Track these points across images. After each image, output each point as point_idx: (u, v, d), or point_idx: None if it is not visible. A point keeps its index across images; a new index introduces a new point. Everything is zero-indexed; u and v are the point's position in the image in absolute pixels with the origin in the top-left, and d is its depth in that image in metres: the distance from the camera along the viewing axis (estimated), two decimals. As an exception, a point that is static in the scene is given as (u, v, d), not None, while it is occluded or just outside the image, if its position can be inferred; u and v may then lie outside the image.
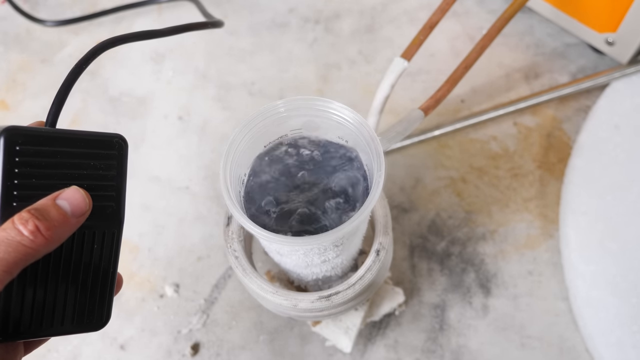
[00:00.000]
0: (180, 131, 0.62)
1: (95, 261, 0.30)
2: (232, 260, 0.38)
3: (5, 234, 0.25)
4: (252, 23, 0.69)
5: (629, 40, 0.55)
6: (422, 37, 0.49)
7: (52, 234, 0.26)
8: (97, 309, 0.31)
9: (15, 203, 0.26)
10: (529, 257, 0.52)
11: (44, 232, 0.25)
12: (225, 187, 0.32)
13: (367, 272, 0.37)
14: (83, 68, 0.29)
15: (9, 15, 0.72)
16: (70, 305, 0.29)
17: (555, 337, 0.48)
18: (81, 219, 0.28)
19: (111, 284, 0.31)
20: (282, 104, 0.35)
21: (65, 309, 0.29)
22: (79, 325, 0.30)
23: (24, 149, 0.26)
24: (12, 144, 0.26)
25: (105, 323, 0.31)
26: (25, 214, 0.25)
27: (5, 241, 0.25)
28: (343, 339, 0.46)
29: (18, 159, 0.26)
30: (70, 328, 0.30)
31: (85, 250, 0.29)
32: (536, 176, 0.56)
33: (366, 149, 0.34)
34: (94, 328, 0.31)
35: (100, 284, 0.31)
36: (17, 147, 0.26)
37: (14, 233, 0.25)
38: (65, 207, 0.27)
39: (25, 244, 0.25)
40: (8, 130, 0.26)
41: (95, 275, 0.30)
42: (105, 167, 0.30)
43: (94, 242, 0.30)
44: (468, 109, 0.60)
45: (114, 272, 0.31)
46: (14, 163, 0.26)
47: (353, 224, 0.31)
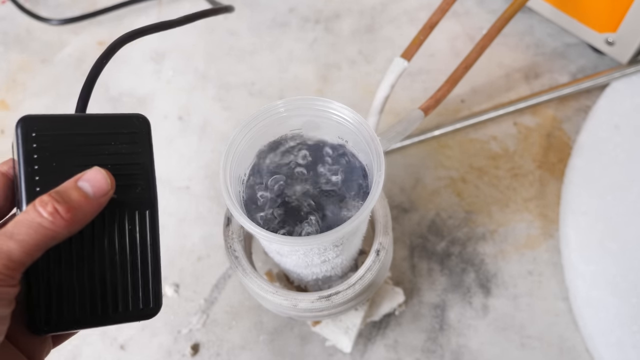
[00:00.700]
0: (180, 131, 0.62)
1: (131, 243, 0.29)
2: (232, 260, 0.38)
3: (27, 215, 0.25)
4: (252, 23, 0.69)
5: (629, 40, 0.55)
6: (422, 37, 0.49)
7: (72, 216, 0.26)
8: (143, 294, 0.29)
9: (39, 188, 0.26)
10: (529, 257, 0.52)
11: (63, 214, 0.25)
12: (225, 187, 0.32)
13: (367, 272, 0.37)
14: (105, 62, 0.30)
15: (9, 15, 0.72)
16: (111, 291, 0.28)
17: (555, 337, 0.48)
18: (104, 199, 0.28)
19: (154, 267, 0.30)
20: (282, 104, 0.35)
21: (106, 296, 0.28)
22: (124, 313, 0.29)
23: (40, 134, 0.27)
24: (28, 131, 0.26)
25: (155, 309, 0.30)
26: (45, 197, 0.26)
27: (26, 223, 0.25)
28: (343, 339, 0.46)
29: (36, 145, 0.27)
30: (116, 317, 0.28)
31: (119, 231, 0.29)
32: (536, 176, 0.56)
33: (366, 149, 0.34)
34: (144, 316, 0.29)
35: (141, 267, 0.29)
36: (33, 134, 0.27)
37: (34, 215, 0.25)
38: (87, 189, 0.27)
39: (45, 226, 0.25)
40: (23, 119, 0.27)
41: (134, 258, 0.29)
42: (128, 147, 0.29)
43: (127, 222, 0.29)
44: (468, 109, 0.60)
45: (155, 253, 0.30)
46: (32, 149, 0.26)
47: (353, 224, 0.31)
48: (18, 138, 0.26)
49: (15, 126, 0.27)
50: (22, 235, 0.25)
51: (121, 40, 0.31)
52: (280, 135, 0.37)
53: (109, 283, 0.28)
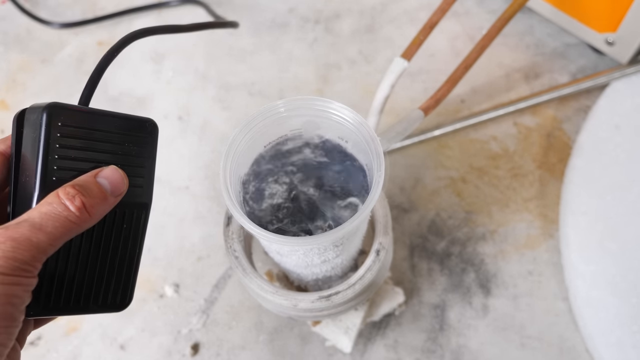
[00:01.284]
0: (180, 131, 0.62)
1: (124, 241, 0.31)
2: (232, 260, 0.38)
3: (52, 208, 0.25)
4: (252, 23, 0.69)
5: (629, 40, 0.55)
6: (422, 37, 0.49)
7: (95, 211, 0.27)
8: (122, 289, 0.31)
9: (55, 177, 0.27)
10: (529, 257, 0.52)
11: (89, 209, 0.26)
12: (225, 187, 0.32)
13: (367, 272, 0.37)
14: (114, 55, 0.30)
15: (9, 15, 0.72)
16: (97, 284, 0.29)
17: (555, 337, 0.48)
18: (118, 198, 0.28)
19: (136, 265, 0.32)
20: (282, 104, 0.35)
21: (92, 288, 0.29)
22: (103, 305, 0.30)
23: (65, 124, 0.27)
24: (54, 120, 0.27)
25: (127, 304, 0.31)
26: (70, 189, 0.26)
27: (53, 216, 0.25)
28: (343, 339, 0.46)
29: (59, 134, 0.27)
30: (94, 307, 0.30)
31: (116, 229, 0.30)
32: (536, 176, 0.56)
33: (366, 149, 0.34)
34: (116, 309, 0.31)
35: (127, 265, 0.31)
36: (59, 123, 0.27)
37: (61, 208, 0.25)
38: (106, 186, 0.28)
39: (71, 220, 0.26)
40: (51, 106, 0.27)
41: (123, 255, 0.31)
42: (138, 150, 0.31)
43: (124, 221, 0.30)
44: (468, 109, 0.60)
45: (139, 253, 0.32)
46: (56, 138, 0.27)
47: (353, 224, 0.31)
48: (42, 124, 0.26)
49: (41, 109, 0.27)
50: (50, 227, 0.25)
51: (133, 36, 0.32)
52: (280, 136, 0.37)
53: (97, 276, 0.30)
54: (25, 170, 0.27)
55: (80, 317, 0.52)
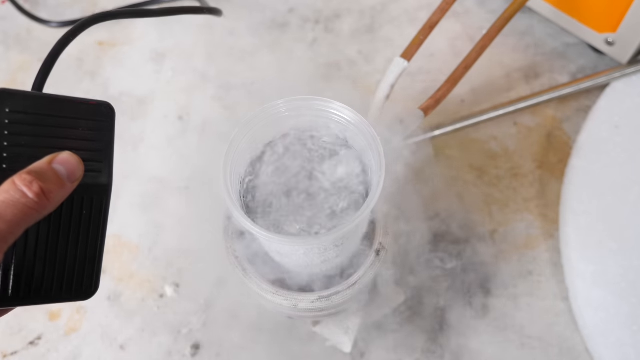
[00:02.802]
0: (180, 131, 0.62)
1: (85, 227, 0.30)
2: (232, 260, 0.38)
3: (10, 196, 0.25)
4: (252, 23, 0.69)
5: (629, 40, 0.55)
6: (422, 37, 0.49)
7: (53, 197, 0.26)
8: (86, 277, 0.30)
9: (5, 165, 0.26)
10: (529, 257, 0.52)
11: (47, 194, 0.25)
12: (225, 187, 0.32)
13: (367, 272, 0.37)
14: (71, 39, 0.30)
15: (9, 15, 0.72)
16: (59, 272, 0.29)
17: (555, 337, 0.48)
18: (75, 184, 0.28)
19: (99, 253, 0.31)
20: (282, 104, 0.35)
21: (53, 277, 0.29)
22: (68, 293, 0.30)
23: (13, 110, 0.26)
24: (1, 106, 0.26)
25: (93, 292, 0.31)
26: (27, 176, 0.25)
27: (11, 203, 0.24)
28: (343, 339, 0.46)
29: (7, 121, 0.26)
30: (59, 296, 0.29)
31: (74, 216, 0.29)
32: (536, 176, 0.56)
33: (366, 149, 0.34)
34: (83, 297, 0.30)
35: (89, 251, 0.30)
36: (6, 109, 0.26)
37: (19, 195, 0.25)
38: (62, 172, 0.27)
39: (30, 206, 0.25)
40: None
41: (84, 242, 0.30)
42: (93, 134, 0.30)
43: (82, 207, 0.30)
44: (468, 109, 0.60)
45: (102, 240, 0.31)
46: (4, 125, 0.26)
47: (353, 224, 0.31)
48: None
49: None
50: (9, 215, 0.24)
51: (93, 19, 0.31)
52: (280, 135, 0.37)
53: (59, 264, 0.29)
54: None
55: (80, 317, 0.52)
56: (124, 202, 0.57)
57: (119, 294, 0.53)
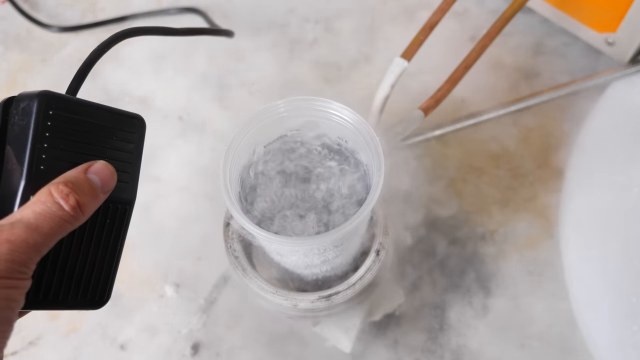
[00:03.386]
0: (180, 131, 0.62)
1: (106, 237, 0.30)
2: (232, 260, 0.38)
3: (47, 207, 0.25)
4: (252, 23, 0.69)
5: (629, 40, 0.55)
6: (422, 37, 0.49)
7: (87, 209, 0.26)
8: (101, 286, 0.30)
9: (43, 166, 0.26)
10: (529, 257, 0.52)
11: (82, 207, 0.26)
12: (225, 187, 0.32)
13: (367, 272, 0.37)
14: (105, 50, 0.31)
15: (9, 15, 0.72)
16: (77, 280, 0.29)
17: (555, 337, 0.48)
18: (107, 194, 0.28)
19: (116, 263, 0.31)
20: (282, 104, 0.35)
21: (71, 284, 0.29)
22: (82, 301, 0.30)
23: (56, 113, 0.27)
24: (46, 108, 0.26)
25: (105, 301, 0.31)
26: (63, 187, 0.25)
27: (48, 215, 0.25)
28: (343, 339, 0.46)
29: (50, 123, 0.26)
30: (74, 303, 0.29)
31: (99, 225, 0.29)
32: (536, 176, 0.56)
33: (366, 149, 0.34)
34: (95, 306, 0.30)
35: (107, 261, 0.30)
36: (50, 112, 0.26)
37: (56, 207, 0.25)
38: (96, 182, 0.27)
39: (65, 219, 0.25)
40: (43, 94, 0.26)
41: (104, 251, 0.30)
42: (125, 145, 0.30)
43: (107, 217, 0.30)
44: (468, 109, 0.60)
45: (120, 250, 0.31)
46: (46, 126, 0.26)
47: (353, 224, 0.31)
48: (33, 111, 0.26)
49: (32, 97, 0.26)
50: (46, 228, 0.24)
51: (126, 33, 0.32)
52: (280, 135, 0.37)
53: (77, 272, 0.29)
54: (11, 158, 0.26)
55: (81, 317, 0.52)
56: (124, 202, 0.57)
57: (119, 294, 0.53)
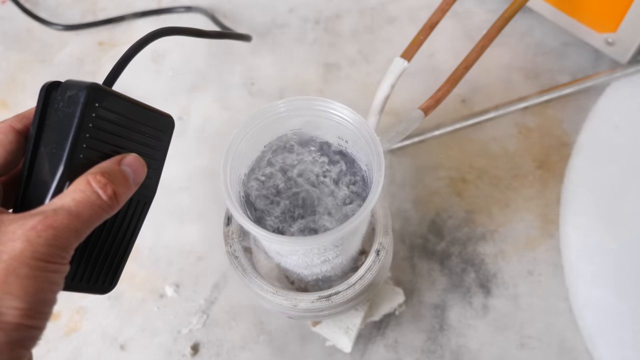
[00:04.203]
0: (180, 131, 0.62)
1: (124, 227, 0.31)
2: (232, 260, 0.38)
3: (86, 196, 0.26)
4: (252, 23, 0.69)
5: (629, 40, 0.55)
6: (422, 37, 0.49)
7: (122, 199, 0.28)
8: (111, 273, 0.32)
9: (82, 155, 0.27)
10: (529, 257, 0.52)
11: (117, 197, 0.27)
12: (225, 187, 0.32)
13: (367, 272, 0.37)
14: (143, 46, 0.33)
15: (9, 15, 0.72)
16: (92, 264, 0.30)
17: (555, 337, 0.48)
18: (137, 186, 0.29)
19: (128, 252, 0.32)
20: (282, 104, 0.35)
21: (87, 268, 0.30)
22: (94, 286, 0.31)
23: (101, 107, 0.28)
24: (93, 100, 0.27)
25: (112, 288, 0.32)
26: (101, 177, 0.27)
27: (88, 204, 0.26)
28: (343, 339, 0.46)
29: (95, 115, 0.28)
30: (82, 286, 0.30)
31: (121, 215, 0.31)
32: (536, 176, 0.56)
33: (366, 149, 0.34)
34: (101, 291, 0.31)
35: (121, 250, 0.32)
36: (96, 104, 0.27)
37: (95, 196, 0.26)
38: (129, 173, 0.28)
39: (103, 208, 0.26)
40: (91, 87, 0.27)
41: (120, 241, 0.31)
42: (155, 142, 0.32)
43: (128, 209, 0.31)
44: (468, 109, 0.60)
45: (133, 241, 0.32)
46: (90, 118, 0.27)
47: (353, 224, 0.31)
48: (80, 101, 0.27)
49: (82, 87, 0.27)
50: (86, 215, 0.26)
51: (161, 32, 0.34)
52: (280, 135, 0.37)
53: (94, 257, 0.30)
54: (51, 143, 0.27)
55: (81, 317, 0.52)
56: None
57: (119, 294, 0.53)
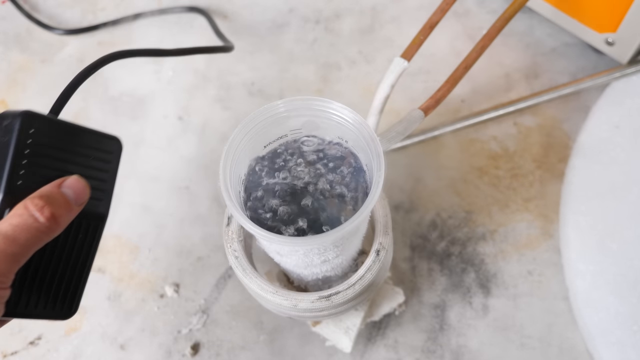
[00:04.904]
0: (180, 131, 0.62)
1: (77, 250, 0.31)
2: (232, 260, 0.38)
3: (23, 220, 0.26)
4: (252, 23, 0.69)
5: (629, 40, 0.55)
6: (422, 37, 0.49)
7: (62, 221, 0.27)
8: (69, 298, 0.32)
9: (20, 181, 0.27)
10: (529, 257, 0.52)
11: (57, 218, 0.27)
12: (225, 187, 0.32)
13: (367, 272, 0.37)
14: (91, 72, 0.33)
15: (9, 15, 0.72)
16: (46, 290, 0.30)
17: (555, 337, 0.48)
18: (81, 207, 0.29)
19: (85, 276, 0.32)
20: (282, 104, 0.35)
21: (40, 294, 0.30)
22: (50, 311, 0.31)
23: (36, 133, 0.28)
24: (27, 127, 0.27)
25: (72, 314, 0.32)
26: (38, 200, 0.26)
27: (25, 227, 0.26)
28: (343, 339, 0.46)
29: (30, 141, 0.28)
30: (46, 313, 0.30)
31: (71, 238, 0.31)
32: (536, 176, 0.56)
33: (366, 149, 0.34)
34: (61, 317, 0.32)
35: (77, 274, 0.32)
36: (31, 130, 0.27)
37: (32, 220, 0.26)
38: (70, 195, 0.28)
39: (41, 230, 0.26)
40: (26, 114, 0.27)
41: (74, 264, 0.31)
42: (101, 165, 0.32)
43: (80, 231, 0.31)
44: (468, 109, 0.60)
45: (90, 264, 0.32)
46: (26, 145, 0.27)
47: (353, 224, 0.31)
48: (14, 129, 0.27)
49: (15, 116, 0.27)
50: (23, 239, 0.25)
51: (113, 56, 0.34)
52: (280, 135, 0.37)
53: (47, 282, 0.30)
54: None
55: (80, 317, 0.52)
56: (124, 202, 0.57)
57: (119, 294, 0.53)
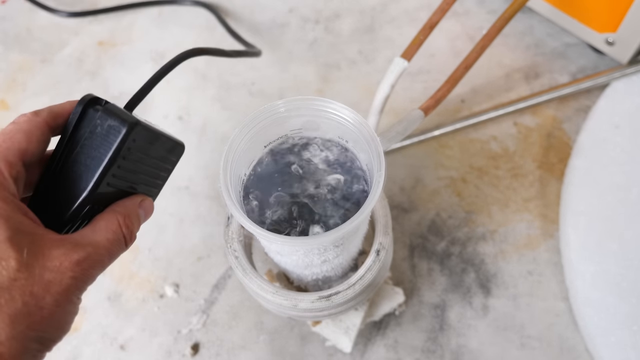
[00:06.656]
0: (180, 131, 0.62)
1: None
2: (232, 260, 0.38)
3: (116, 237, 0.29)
4: (252, 23, 0.69)
5: (629, 40, 0.55)
6: (422, 37, 0.49)
7: (135, 237, 0.30)
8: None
9: (109, 182, 0.28)
10: (529, 257, 0.52)
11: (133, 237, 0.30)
12: (225, 187, 0.32)
13: (367, 272, 0.37)
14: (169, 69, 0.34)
15: (9, 15, 0.72)
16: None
17: (555, 337, 0.48)
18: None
19: None
20: (282, 104, 0.35)
21: None
22: None
23: (137, 142, 0.29)
24: (131, 137, 0.28)
25: None
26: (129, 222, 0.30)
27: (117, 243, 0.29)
28: (343, 339, 0.46)
29: (130, 148, 0.28)
30: None
31: None
32: (536, 176, 0.56)
33: (366, 149, 0.34)
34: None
35: None
36: (133, 140, 0.28)
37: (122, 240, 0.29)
38: (143, 216, 0.31)
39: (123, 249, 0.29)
40: (133, 124, 0.28)
41: None
42: (167, 167, 0.33)
43: None
44: (468, 109, 0.60)
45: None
46: (125, 152, 0.28)
47: (353, 224, 0.31)
48: (120, 135, 0.27)
49: (124, 122, 0.27)
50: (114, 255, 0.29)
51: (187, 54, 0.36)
52: (280, 135, 0.37)
53: None
54: (82, 163, 0.28)
55: (80, 317, 0.52)
56: (124, 202, 0.57)
57: (119, 294, 0.53)
